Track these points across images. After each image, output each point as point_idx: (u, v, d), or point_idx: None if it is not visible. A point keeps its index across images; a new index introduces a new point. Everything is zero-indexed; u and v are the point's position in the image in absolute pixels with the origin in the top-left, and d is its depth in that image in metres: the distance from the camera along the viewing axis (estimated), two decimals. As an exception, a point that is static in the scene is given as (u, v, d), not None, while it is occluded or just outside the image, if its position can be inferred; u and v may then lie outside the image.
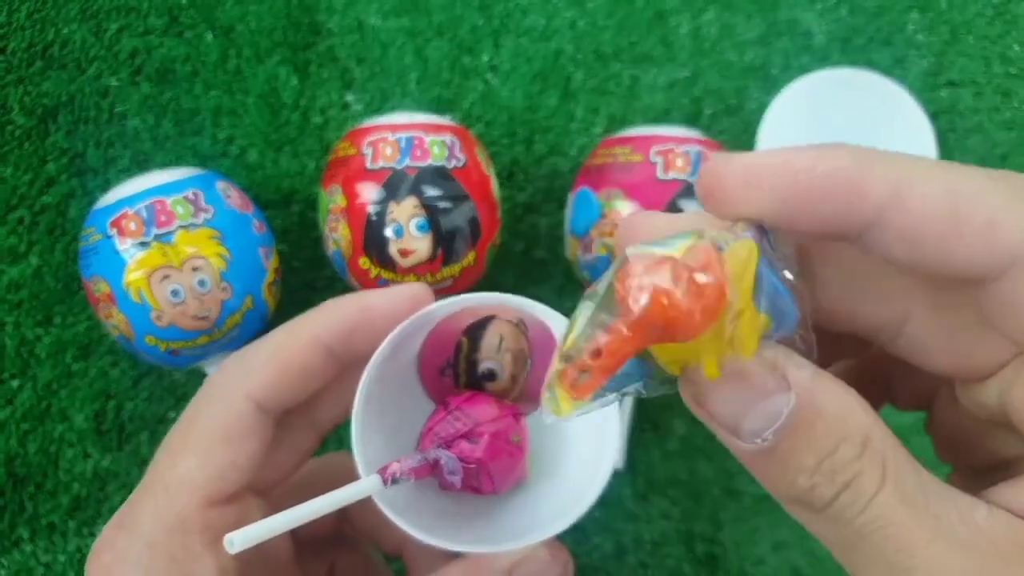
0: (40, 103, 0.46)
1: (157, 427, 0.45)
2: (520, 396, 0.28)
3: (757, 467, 0.17)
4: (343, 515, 0.32)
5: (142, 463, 0.44)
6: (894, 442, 0.16)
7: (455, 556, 0.25)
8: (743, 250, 0.17)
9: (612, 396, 0.17)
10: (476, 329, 0.27)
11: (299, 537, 0.30)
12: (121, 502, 0.44)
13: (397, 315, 0.25)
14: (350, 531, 0.33)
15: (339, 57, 0.49)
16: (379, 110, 0.48)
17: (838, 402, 0.17)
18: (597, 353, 0.16)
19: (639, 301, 0.16)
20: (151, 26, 0.48)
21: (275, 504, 0.28)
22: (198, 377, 0.44)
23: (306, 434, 0.28)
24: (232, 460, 0.24)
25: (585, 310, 0.17)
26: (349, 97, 0.48)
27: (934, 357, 0.18)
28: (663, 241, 0.17)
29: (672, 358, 0.17)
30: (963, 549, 0.15)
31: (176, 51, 0.48)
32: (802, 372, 0.17)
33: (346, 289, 0.47)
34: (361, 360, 0.25)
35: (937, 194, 0.16)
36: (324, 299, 0.27)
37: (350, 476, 0.25)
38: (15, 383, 0.44)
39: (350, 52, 0.49)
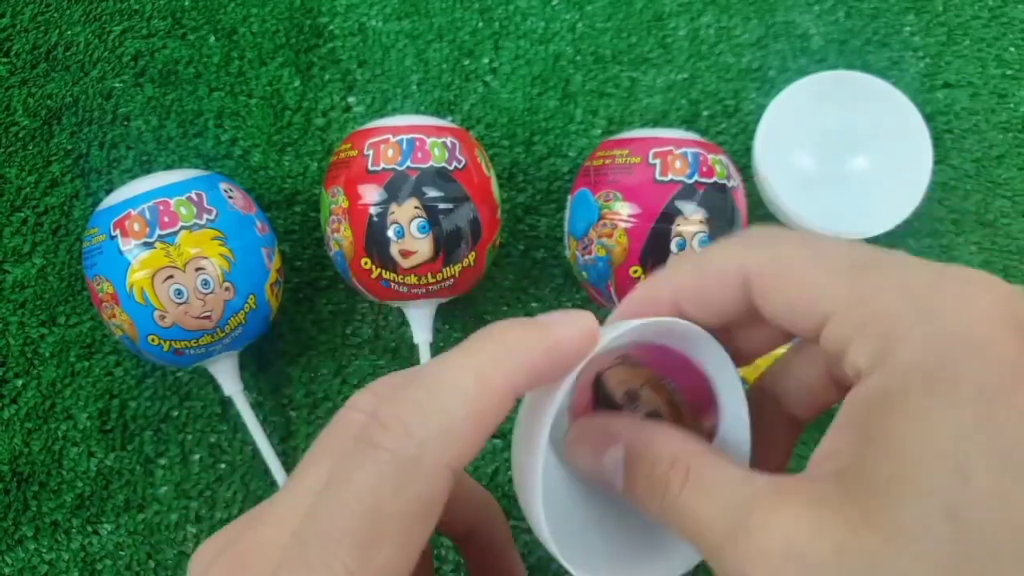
0: (44, 105, 0.47)
1: (160, 426, 0.45)
2: (698, 417, 0.26)
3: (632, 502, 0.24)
4: None
5: (146, 461, 0.45)
6: (706, 459, 0.22)
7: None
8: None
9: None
10: (598, 392, 0.26)
11: None
12: (124, 500, 0.45)
13: (580, 352, 0.23)
14: None
15: (341, 60, 0.49)
16: (380, 112, 0.49)
17: (656, 440, 0.23)
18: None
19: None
20: (154, 28, 0.48)
21: None
22: (201, 376, 0.45)
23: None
24: (424, 539, 0.21)
25: None
26: (351, 99, 0.49)
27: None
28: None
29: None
30: (725, 508, 0.20)
31: (179, 53, 0.48)
32: (626, 428, 0.24)
33: (348, 289, 0.48)
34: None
35: (782, 285, 0.22)
36: (326, 300, 0.26)
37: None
38: (19, 382, 0.45)
39: (352, 55, 0.49)
